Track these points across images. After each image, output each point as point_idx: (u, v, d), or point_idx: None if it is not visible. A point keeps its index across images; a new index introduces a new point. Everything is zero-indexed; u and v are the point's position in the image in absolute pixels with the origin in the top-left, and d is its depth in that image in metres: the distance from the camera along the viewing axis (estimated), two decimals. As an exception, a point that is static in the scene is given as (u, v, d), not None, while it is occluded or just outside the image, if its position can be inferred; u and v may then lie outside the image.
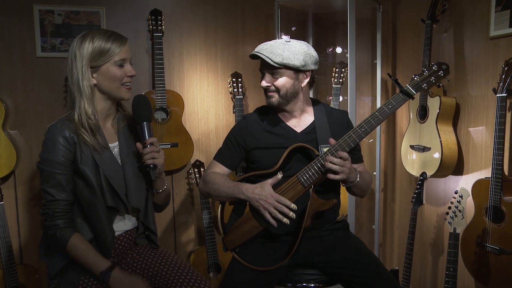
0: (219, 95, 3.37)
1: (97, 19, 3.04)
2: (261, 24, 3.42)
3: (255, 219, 1.97)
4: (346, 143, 1.87)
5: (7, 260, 2.64)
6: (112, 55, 1.81)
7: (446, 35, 2.77)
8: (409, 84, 1.85)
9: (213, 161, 2.17)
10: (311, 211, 1.89)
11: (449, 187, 2.78)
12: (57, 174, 1.78)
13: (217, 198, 2.08)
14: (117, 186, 1.86)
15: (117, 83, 1.84)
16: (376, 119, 1.86)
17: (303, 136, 2.05)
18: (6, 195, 2.89)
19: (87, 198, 1.83)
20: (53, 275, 1.86)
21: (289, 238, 1.95)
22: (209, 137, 3.37)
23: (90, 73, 1.82)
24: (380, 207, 3.38)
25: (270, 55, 1.93)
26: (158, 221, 3.23)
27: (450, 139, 2.60)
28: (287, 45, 1.95)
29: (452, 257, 2.29)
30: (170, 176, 3.29)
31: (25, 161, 2.96)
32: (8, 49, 2.91)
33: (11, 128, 2.93)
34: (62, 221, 1.79)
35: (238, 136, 2.11)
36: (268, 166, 2.00)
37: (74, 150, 1.80)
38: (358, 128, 1.87)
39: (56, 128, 1.80)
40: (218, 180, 2.06)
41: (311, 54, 1.99)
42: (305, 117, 2.10)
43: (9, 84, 2.93)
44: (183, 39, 3.26)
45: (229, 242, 2.02)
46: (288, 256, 1.91)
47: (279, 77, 1.97)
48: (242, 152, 2.11)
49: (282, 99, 2.01)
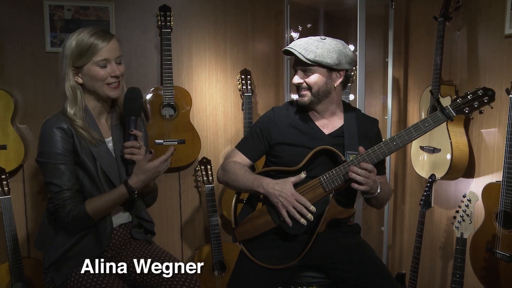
0: (227, 92, 3.34)
1: (106, 14, 3.04)
2: (271, 21, 3.38)
3: (270, 215, 1.93)
4: (375, 155, 1.82)
5: (13, 253, 2.67)
6: (92, 55, 1.79)
7: (460, 33, 2.68)
8: (450, 105, 1.80)
9: (235, 150, 2.11)
10: (328, 217, 1.86)
11: (460, 190, 2.70)
12: (59, 165, 1.79)
13: (235, 188, 2.04)
14: (113, 178, 1.88)
15: (100, 83, 1.83)
16: (409, 135, 1.81)
17: (330, 139, 2.00)
18: (14, 188, 2.92)
19: (87, 188, 1.85)
20: (46, 267, 1.87)
21: (301, 239, 1.91)
22: (217, 134, 3.34)
23: (72, 74, 1.83)
24: (390, 209, 3.32)
25: (303, 51, 1.89)
26: (164, 218, 3.26)
27: (461, 141, 2.52)
28: (322, 42, 1.91)
29: (459, 262, 2.22)
30: (177, 173, 3.28)
31: (33, 155, 2.94)
32: (18, 44, 2.94)
33: (20, 123, 2.95)
34: (73, 205, 1.79)
35: (264, 127, 2.06)
36: (290, 164, 1.97)
37: (72, 141, 1.81)
38: (389, 141, 1.82)
39: (52, 122, 1.81)
40: (238, 171, 2.00)
41: (346, 53, 1.94)
42: (334, 120, 2.05)
43: (19, 79, 2.96)
44: (192, 35, 3.24)
45: (239, 234, 2.00)
46: (298, 257, 1.87)
47: (311, 74, 1.93)
48: (266, 145, 2.07)
49: (314, 97, 1.96)
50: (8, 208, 2.67)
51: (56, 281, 1.83)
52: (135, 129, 1.87)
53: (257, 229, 1.96)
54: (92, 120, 1.88)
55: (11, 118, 2.80)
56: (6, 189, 2.68)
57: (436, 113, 1.81)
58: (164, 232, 3.30)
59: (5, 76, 2.92)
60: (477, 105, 1.79)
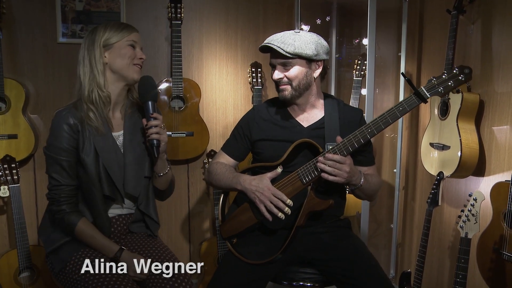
0: (238, 85, 3.33)
1: (117, 6, 3.06)
2: (283, 14, 3.34)
3: (252, 211, 1.93)
4: (351, 143, 1.79)
5: (21, 241, 2.72)
6: (127, 34, 1.90)
7: (474, 27, 2.60)
8: (424, 87, 1.75)
9: (220, 151, 2.16)
10: (306, 210, 1.83)
11: (470, 189, 2.62)
12: (61, 160, 1.84)
13: (219, 188, 2.08)
14: (115, 175, 1.90)
15: (128, 61, 1.89)
16: (384, 121, 1.77)
17: (309, 132, 1.99)
18: (25, 177, 2.97)
19: (85, 185, 1.88)
20: (47, 253, 1.90)
21: (284, 233, 1.89)
22: (227, 127, 3.33)
23: (100, 54, 1.88)
24: (400, 206, 3.26)
25: (282, 45, 1.88)
26: (173, 210, 3.28)
27: (471, 138, 2.45)
28: (298, 35, 1.91)
29: (462, 263, 2.16)
30: (186, 165, 3.29)
31: (44, 145, 3.02)
32: (30, 35, 2.98)
33: (31, 113, 3.00)
34: (68, 206, 1.86)
35: (245, 126, 2.09)
36: (272, 159, 1.97)
37: (77, 138, 1.85)
38: (364, 128, 1.79)
39: (61, 115, 1.85)
40: (219, 170, 2.04)
41: (322, 43, 1.94)
42: (314, 112, 2.04)
43: (30, 70, 3.00)
44: (203, 27, 3.23)
45: (225, 231, 2.00)
46: (279, 251, 1.86)
47: (291, 68, 1.92)
48: (247, 143, 2.09)
49: (295, 91, 1.95)
50: (17, 196, 2.72)
51: (56, 267, 1.87)
52: (154, 111, 1.91)
53: (241, 225, 1.96)
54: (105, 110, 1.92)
55: (22, 108, 2.85)
56: (16, 178, 2.73)
57: (410, 96, 1.76)
58: (172, 223, 3.32)
59: (17, 67, 2.97)
60: (452, 84, 1.72)
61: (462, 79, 1.72)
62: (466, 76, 1.73)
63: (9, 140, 2.82)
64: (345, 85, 3.51)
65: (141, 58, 1.94)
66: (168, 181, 2.06)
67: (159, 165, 1.98)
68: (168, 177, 2.05)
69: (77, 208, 1.88)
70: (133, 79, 1.92)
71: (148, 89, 1.92)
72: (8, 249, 2.90)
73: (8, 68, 2.90)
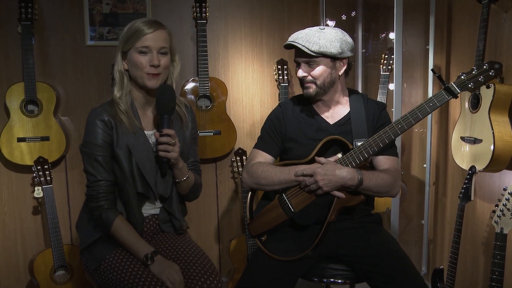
0: (264, 83, 3.33)
1: (143, 7, 3.09)
2: (308, 10, 3.32)
3: (281, 207, 1.92)
4: (381, 139, 1.80)
5: (55, 240, 2.78)
6: (136, 40, 1.82)
7: (507, 15, 2.52)
8: (454, 82, 1.74)
9: (255, 150, 2.09)
10: (337, 205, 1.82)
11: (504, 183, 2.55)
12: (97, 156, 1.86)
13: (268, 187, 1.97)
14: (148, 174, 1.90)
15: (140, 71, 1.85)
16: (414, 116, 1.78)
17: (335, 128, 1.98)
18: (57, 178, 3.04)
19: (119, 182, 1.90)
20: (81, 249, 1.94)
21: (314, 229, 1.88)
22: (254, 125, 3.33)
23: (121, 59, 1.88)
24: (431, 202, 3.20)
25: (306, 43, 1.87)
26: (202, 208, 3.30)
27: (505, 131, 2.38)
28: (322, 32, 1.89)
29: (498, 259, 2.10)
30: (214, 164, 3.31)
31: (75, 146, 3.09)
32: (59, 39, 3.05)
33: (62, 115, 3.07)
34: (106, 202, 1.87)
35: (276, 123, 2.08)
36: (300, 157, 1.96)
37: (111, 133, 1.86)
38: (395, 124, 1.79)
39: (95, 113, 1.88)
40: (267, 168, 1.96)
41: (347, 40, 1.92)
42: (339, 108, 2.03)
43: (60, 73, 3.07)
44: (228, 25, 3.24)
45: (254, 229, 1.99)
46: (310, 247, 1.85)
47: (315, 66, 1.92)
48: (280, 140, 2.07)
49: (320, 89, 1.95)
50: (50, 197, 2.78)
51: (90, 266, 1.90)
52: (168, 127, 1.84)
53: (270, 222, 1.95)
54: (134, 109, 1.92)
55: (53, 111, 2.91)
56: (49, 179, 2.79)
57: (440, 91, 1.76)
58: (202, 222, 3.34)
59: (48, 71, 3.04)
60: (483, 79, 1.72)
61: (492, 75, 1.72)
62: (496, 71, 1.72)
63: (42, 142, 2.88)
64: (372, 81, 3.46)
65: (152, 65, 1.83)
66: (189, 186, 2.01)
67: (176, 173, 1.94)
68: (188, 183, 1.99)
69: (115, 205, 1.89)
70: (151, 87, 1.87)
71: (162, 102, 1.84)
72: (43, 248, 2.98)
73: (39, 72, 2.97)
